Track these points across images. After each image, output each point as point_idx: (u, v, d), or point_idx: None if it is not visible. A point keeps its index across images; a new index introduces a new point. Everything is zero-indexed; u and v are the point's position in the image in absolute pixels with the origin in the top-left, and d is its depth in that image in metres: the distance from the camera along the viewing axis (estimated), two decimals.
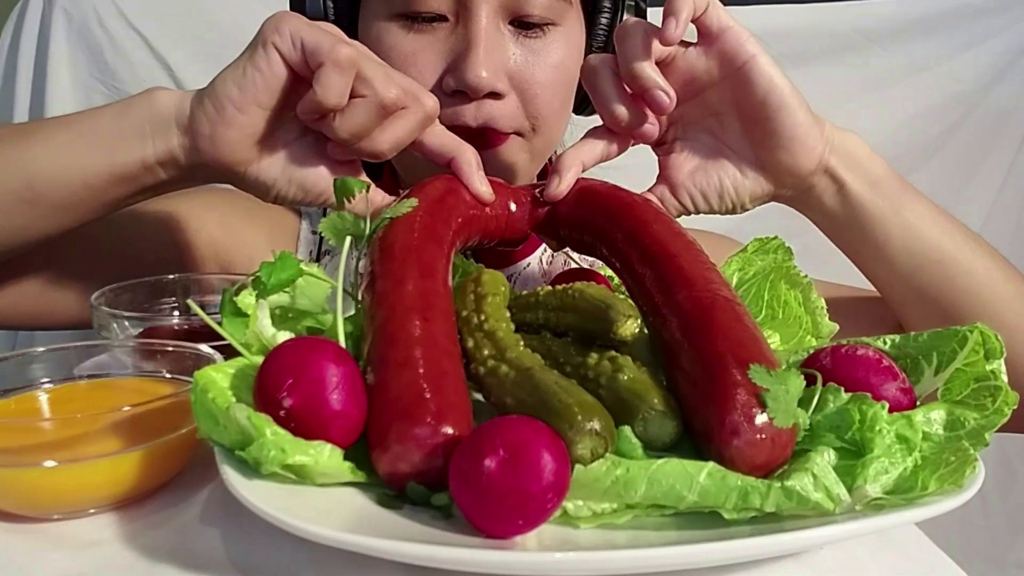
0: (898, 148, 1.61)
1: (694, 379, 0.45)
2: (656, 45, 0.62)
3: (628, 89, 0.63)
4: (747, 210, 0.68)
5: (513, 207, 0.64)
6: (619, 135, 0.66)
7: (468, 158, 0.63)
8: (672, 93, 0.61)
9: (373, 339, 0.46)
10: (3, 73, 1.43)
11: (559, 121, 0.81)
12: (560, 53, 0.77)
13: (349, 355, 0.44)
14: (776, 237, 0.66)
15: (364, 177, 0.64)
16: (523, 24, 0.75)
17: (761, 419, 0.41)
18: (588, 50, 0.83)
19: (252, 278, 0.50)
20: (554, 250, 0.65)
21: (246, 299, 0.49)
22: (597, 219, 0.60)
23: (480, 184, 0.62)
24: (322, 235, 0.55)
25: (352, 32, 0.80)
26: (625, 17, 0.63)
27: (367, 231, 0.54)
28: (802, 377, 0.44)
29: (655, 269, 0.52)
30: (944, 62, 1.58)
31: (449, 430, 0.41)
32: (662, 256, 0.52)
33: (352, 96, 0.58)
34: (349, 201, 0.56)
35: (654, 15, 0.86)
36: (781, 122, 0.63)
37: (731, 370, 0.43)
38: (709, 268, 0.52)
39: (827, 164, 0.66)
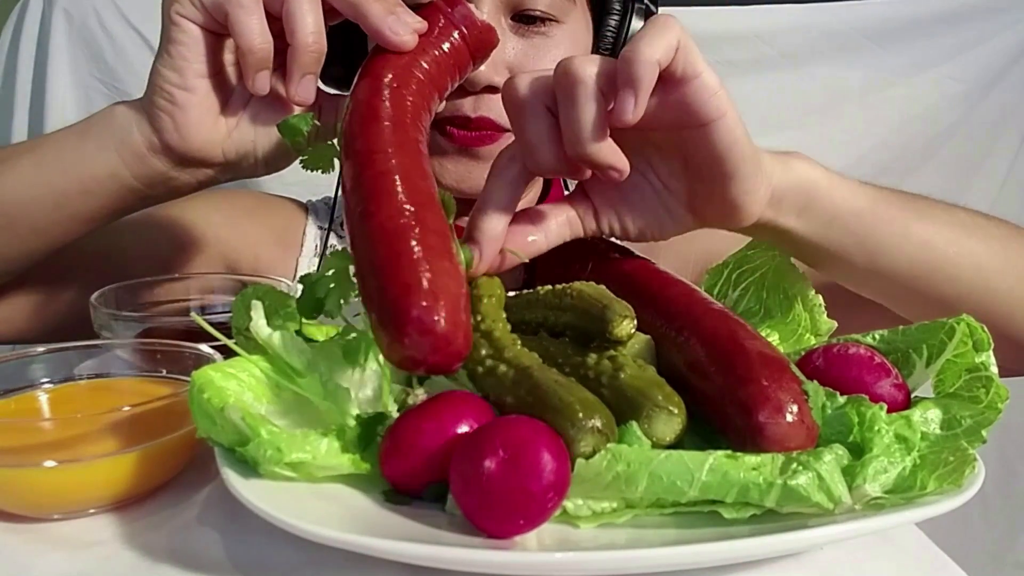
0: (898, 148, 1.61)
1: (731, 362, 0.45)
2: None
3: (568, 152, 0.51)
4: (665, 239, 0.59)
5: (456, 36, 0.60)
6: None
7: (374, 11, 0.57)
8: (627, 166, 0.51)
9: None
10: (3, 73, 1.43)
11: None
12: (562, 50, 0.77)
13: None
14: None
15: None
16: (525, 18, 0.75)
17: (804, 407, 0.43)
18: (595, 52, 0.82)
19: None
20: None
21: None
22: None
23: (392, 33, 0.56)
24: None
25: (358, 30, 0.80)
26: (567, 60, 0.50)
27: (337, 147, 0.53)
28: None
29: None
30: (944, 62, 1.58)
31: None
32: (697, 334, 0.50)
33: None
34: (302, 137, 0.56)
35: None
36: (727, 188, 0.53)
37: (779, 357, 0.45)
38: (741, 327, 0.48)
39: (765, 218, 0.56)
